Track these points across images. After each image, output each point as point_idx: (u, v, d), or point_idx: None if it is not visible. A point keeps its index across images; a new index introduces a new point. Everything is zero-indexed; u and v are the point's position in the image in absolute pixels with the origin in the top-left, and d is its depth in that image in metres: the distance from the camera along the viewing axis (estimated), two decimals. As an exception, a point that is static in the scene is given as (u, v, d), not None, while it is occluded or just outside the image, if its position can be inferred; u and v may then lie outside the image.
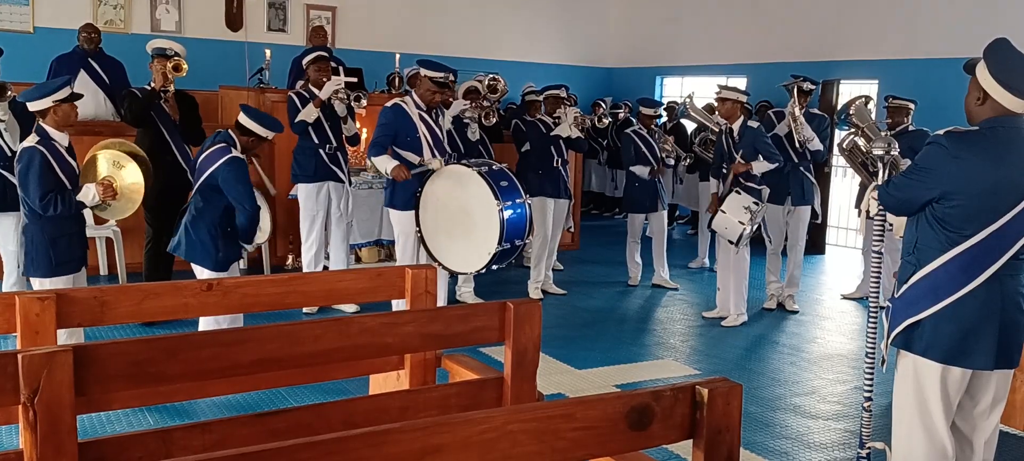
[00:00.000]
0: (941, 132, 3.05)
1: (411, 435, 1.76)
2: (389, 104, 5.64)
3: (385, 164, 5.51)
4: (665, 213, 8.10)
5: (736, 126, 6.49)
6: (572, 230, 9.17)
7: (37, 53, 8.55)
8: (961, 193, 2.95)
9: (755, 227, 6.42)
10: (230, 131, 4.83)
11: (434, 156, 5.52)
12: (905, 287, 3.12)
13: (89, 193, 4.54)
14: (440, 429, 1.79)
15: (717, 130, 7.57)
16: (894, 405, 3.28)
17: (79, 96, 4.67)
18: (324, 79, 6.24)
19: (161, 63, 6.01)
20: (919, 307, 3.05)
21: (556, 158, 7.27)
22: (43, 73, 7.43)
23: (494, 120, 7.14)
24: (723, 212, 6.32)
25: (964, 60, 3.12)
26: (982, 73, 3.00)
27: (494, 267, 5.27)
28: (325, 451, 1.69)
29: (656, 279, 7.97)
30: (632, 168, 7.72)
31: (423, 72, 5.57)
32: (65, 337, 4.55)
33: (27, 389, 2.12)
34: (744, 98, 6.59)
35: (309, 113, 6.19)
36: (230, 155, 4.69)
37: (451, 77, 5.67)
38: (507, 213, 5.08)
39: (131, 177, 4.78)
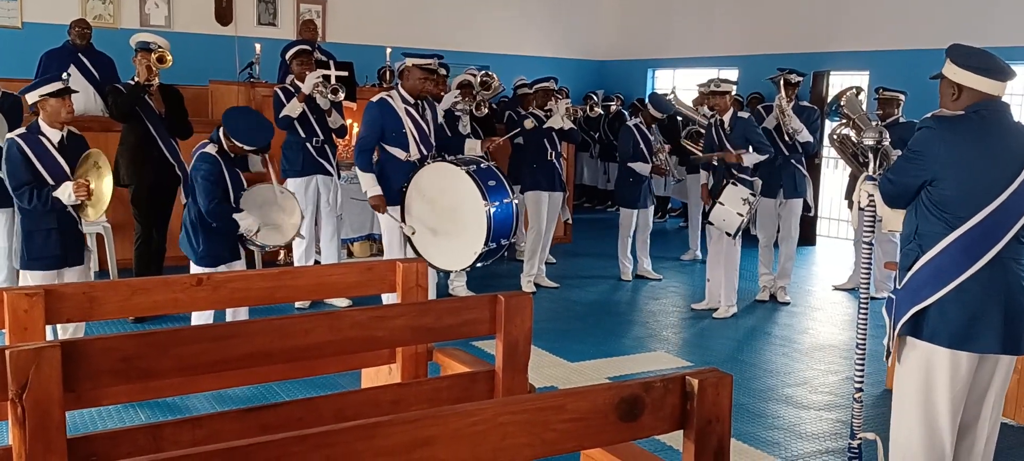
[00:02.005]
0: (928, 116, 3.10)
1: (401, 428, 1.76)
2: (374, 99, 5.59)
3: (368, 186, 5.47)
4: (653, 207, 8.10)
5: (726, 117, 6.51)
6: (569, 221, 9.15)
7: (25, 49, 8.50)
8: (950, 175, 2.98)
9: (750, 218, 6.45)
10: (220, 129, 4.84)
11: (420, 154, 5.49)
12: (908, 275, 3.12)
13: (65, 191, 4.51)
14: (430, 421, 1.79)
15: (703, 122, 7.58)
16: (895, 397, 3.28)
17: (71, 91, 4.64)
18: (307, 73, 6.22)
19: (145, 57, 5.98)
20: (924, 294, 3.06)
21: (550, 151, 7.26)
22: (32, 69, 7.39)
23: (485, 111, 7.12)
24: (722, 204, 6.31)
25: (945, 63, 3.15)
26: (951, 70, 3.06)
27: (479, 265, 5.25)
28: (315, 444, 1.69)
29: (639, 270, 7.99)
30: (631, 164, 7.61)
31: (409, 62, 5.55)
32: (70, 332, 4.56)
33: (15, 385, 2.10)
34: (733, 88, 6.61)
35: (293, 108, 6.17)
36: (203, 149, 4.74)
37: (436, 63, 5.62)
38: (494, 213, 5.06)
39: (106, 180, 4.71)
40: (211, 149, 4.76)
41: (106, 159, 4.65)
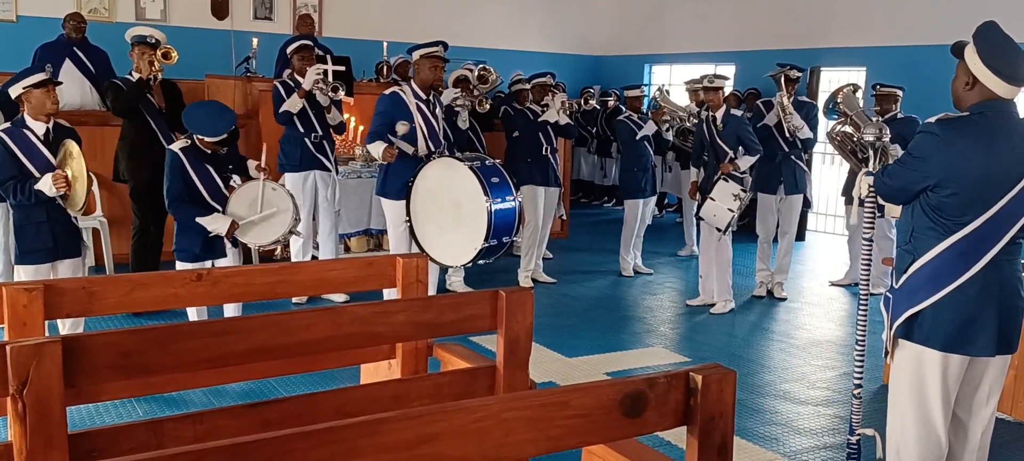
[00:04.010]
0: (932, 120, 3.04)
1: (406, 424, 1.75)
2: (387, 92, 5.61)
3: (376, 149, 5.51)
4: (653, 199, 8.12)
5: (719, 114, 6.50)
6: (563, 217, 9.15)
7: (21, 42, 8.46)
8: (955, 180, 2.93)
9: (741, 214, 6.46)
10: None
11: (428, 149, 5.52)
12: (904, 277, 3.10)
13: (45, 183, 4.48)
14: (435, 418, 1.78)
15: (692, 120, 7.60)
16: (890, 393, 3.28)
17: (54, 82, 4.61)
18: (307, 68, 6.21)
19: (144, 51, 5.94)
20: (919, 297, 3.04)
21: (545, 146, 7.25)
22: (27, 62, 7.34)
23: (487, 108, 7.12)
24: (712, 199, 6.33)
25: (969, 46, 3.10)
26: (971, 58, 2.97)
27: (480, 262, 5.25)
28: (319, 441, 1.68)
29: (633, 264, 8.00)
30: (638, 136, 7.61)
31: (417, 54, 5.55)
32: (67, 327, 4.56)
33: (16, 381, 2.09)
34: (727, 84, 6.62)
35: (293, 103, 6.15)
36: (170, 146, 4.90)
37: (441, 49, 5.61)
38: (496, 210, 5.06)
39: (77, 164, 4.68)
40: (177, 145, 4.86)
41: (76, 146, 4.59)
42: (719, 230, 6.41)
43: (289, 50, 6.48)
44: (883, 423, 3.42)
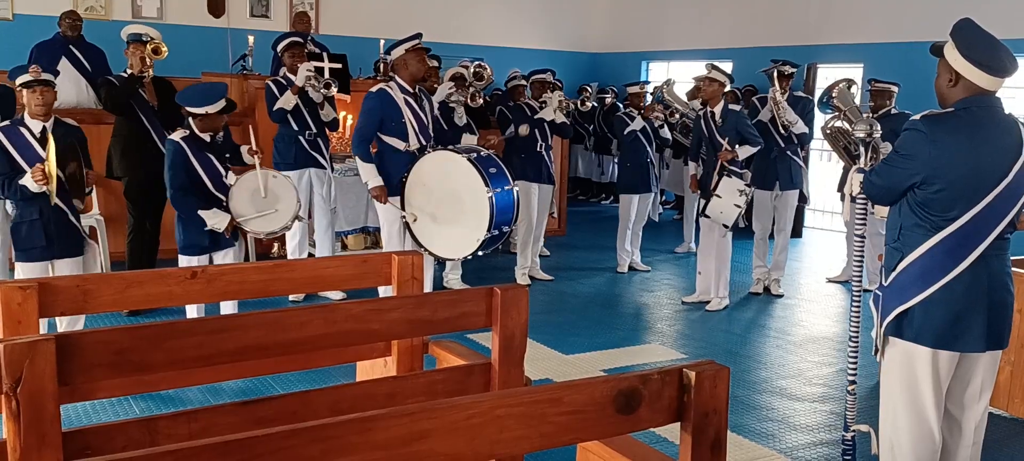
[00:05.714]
0: (918, 117, 3.03)
1: (398, 421, 1.75)
2: (374, 89, 5.58)
3: (368, 176, 5.46)
4: (653, 195, 8.12)
5: (718, 109, 6.49)
6: (555, 215, 9.16)
7: (17, 40, 8.45)
8: (942, 177, 2.93)
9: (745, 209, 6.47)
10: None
11: (419, 144, 5.49)
12: (893, 275, 3.10)
13: (28, 178, 4.46)
14: (427, 415, 1.78)
15: (693, 115, 7.60)
16: (882, 391, 3.29)
17: (43, 83, 4.61)
18: (299, 65, 6.20)
19: (137, 48, 5.95)
20: (908, 294, 3.04)
21: (539, 142, 7.25)
22: (23, 61, 7.33)
23: (480, 102, 7.11)
24: (718, 197, 6.30)
25: (948, 44, 3.10)
26: (952, 54, 2.98)
27: (481, 253, 5.25)
28: (312, 438, 1.68)
29: (629, 261, 8.00)
30: (626, 129, 7.64)
31: (400, 50, 5.53)
32: (65, 324, 4.55)
33: (9, 379, 2.09)
34: (728, 81, 6.59)
35: (287, 101, 6.14)
36: (171, 136, 4.92)
37: (420, 40, 5.59)
38: (496, 199, 5.06)
39: (49, 163, 4.64)
40: (177, 135, 4.86)
41: (52, 144, 4.56)
42: (726, 227, 6.40)
43: (280, 47, 6.48)
44: (878, 420, 3.43)
